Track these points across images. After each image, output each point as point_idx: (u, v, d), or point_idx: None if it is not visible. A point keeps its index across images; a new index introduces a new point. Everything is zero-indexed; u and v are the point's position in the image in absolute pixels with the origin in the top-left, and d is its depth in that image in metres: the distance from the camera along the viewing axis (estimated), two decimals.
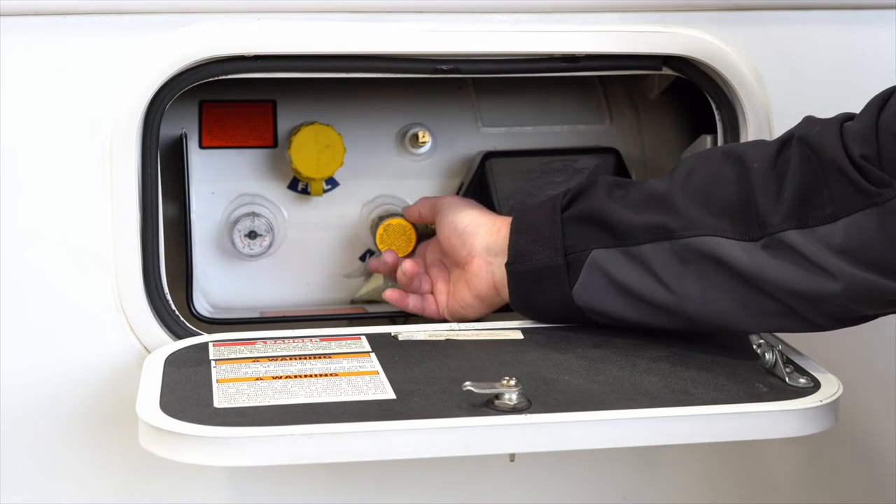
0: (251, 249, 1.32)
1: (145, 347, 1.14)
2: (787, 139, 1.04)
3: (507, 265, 1.15)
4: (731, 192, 1.04)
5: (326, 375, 1.01)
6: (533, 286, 1.13)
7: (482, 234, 1.19)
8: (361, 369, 1.03)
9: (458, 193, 1.35)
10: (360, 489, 1.22)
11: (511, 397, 0.94)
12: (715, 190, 1.05)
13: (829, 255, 0.98)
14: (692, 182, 1.07)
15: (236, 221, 1.32)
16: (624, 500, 1.28)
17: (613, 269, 1.09)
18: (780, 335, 1.10)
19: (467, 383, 0.95)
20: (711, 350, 1.09)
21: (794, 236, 1.00)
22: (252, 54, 1.14)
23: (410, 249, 1.30)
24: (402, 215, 1.33)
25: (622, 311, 1.10)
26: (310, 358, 1.06)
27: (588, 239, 1.11)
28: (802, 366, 1.05)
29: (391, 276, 1.30)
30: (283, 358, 1.06)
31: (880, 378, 1.29)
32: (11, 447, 1.14)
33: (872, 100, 1.01)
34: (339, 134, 1.30)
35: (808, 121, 1.05)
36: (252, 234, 1.32)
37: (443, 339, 1.12)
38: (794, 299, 1.01)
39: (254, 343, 1.10)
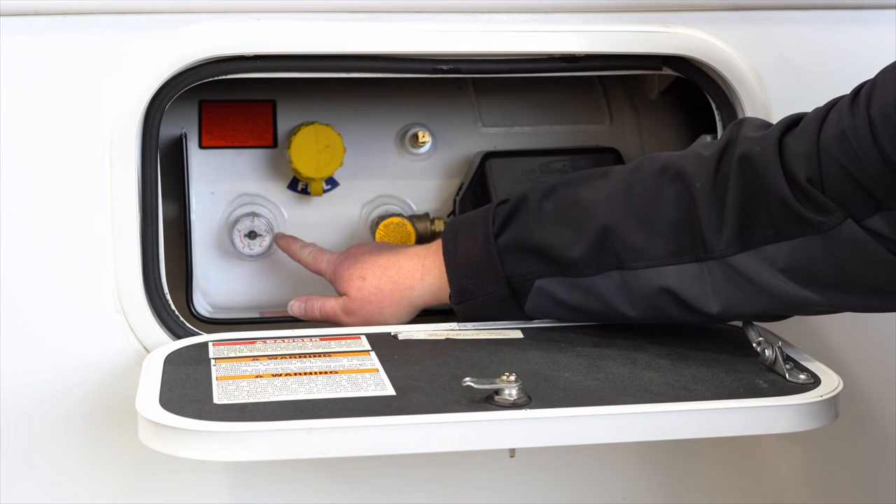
0: (251, 249, 1.32)
1: (145, 347, 1.14)
2: (724, 148, 1.03)
3: (454, 304, 1.14)
4: (673, 212, 1.05)
5: (326, 373, 1.01)
6: (484, 313, 1.14)
7: (388, 305, 1.17)
8: (361, 367, 1.03)
9: (457, 193, 1.36)
10: (360, 487, 1.22)
11: (511, 393, 0.94)
12: (658, 210, 1.06)
13: (773, 274, 1.00)
14: (633, 201, 1.07)
15: (236, 221, 1.32)
16: (624, 500, 1.27)
17: (562, 294, 1.10)
18: (779, 333, 1.09)
19: (467, 379, 0.94)
20: (711, 347, 1.09)
21: (739, 261, 1.02)
22: (252, 54, 1.14)
23: None
24: (398, 214, 1.33)
25: (579, 320, 1.13)
26: (310, 356, 1.06)
27: (530, 269, 1.11)
28: (802, 362, 1.05)
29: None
30: (283, 356, 1.06)
31: (880, 375, 1.29)
32: (12, 446, 1.14)
33: (813, 115, 1.01)
34: (339, 134, 1.30)
35: (749, 135, 1.03)
36: (252, 234, 1.32)
37: (442, 338, 1.12)
38: (736, 317, 1.06)
39: (253, 342, 1.10)
